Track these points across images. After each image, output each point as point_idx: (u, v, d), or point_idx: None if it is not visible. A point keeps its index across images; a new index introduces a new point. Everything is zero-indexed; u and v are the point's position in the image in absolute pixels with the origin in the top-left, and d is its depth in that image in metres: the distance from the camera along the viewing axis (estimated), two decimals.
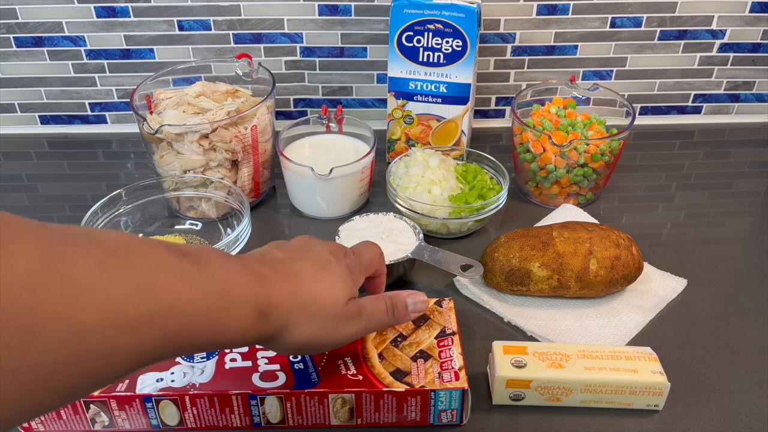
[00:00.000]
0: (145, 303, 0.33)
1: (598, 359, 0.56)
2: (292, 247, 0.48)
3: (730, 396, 0.58)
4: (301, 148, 0.81)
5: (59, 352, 0.29)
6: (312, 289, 0.44)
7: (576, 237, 0.64)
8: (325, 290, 0.45)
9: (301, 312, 0.43)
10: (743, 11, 0.88)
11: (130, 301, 0.32)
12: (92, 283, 0.30)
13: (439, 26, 0.76)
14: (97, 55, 0.89)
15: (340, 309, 0.46)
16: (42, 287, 0.28)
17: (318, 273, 0.45)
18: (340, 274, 0.46)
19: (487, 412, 0.57)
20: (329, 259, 0.47)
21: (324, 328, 0.45)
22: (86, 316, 0.30)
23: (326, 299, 0.45)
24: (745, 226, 0.78)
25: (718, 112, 0.97)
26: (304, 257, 0.46)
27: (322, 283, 0.45)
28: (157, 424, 0.55)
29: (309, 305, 0.43)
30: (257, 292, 0.40)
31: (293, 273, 0.44)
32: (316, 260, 0.46)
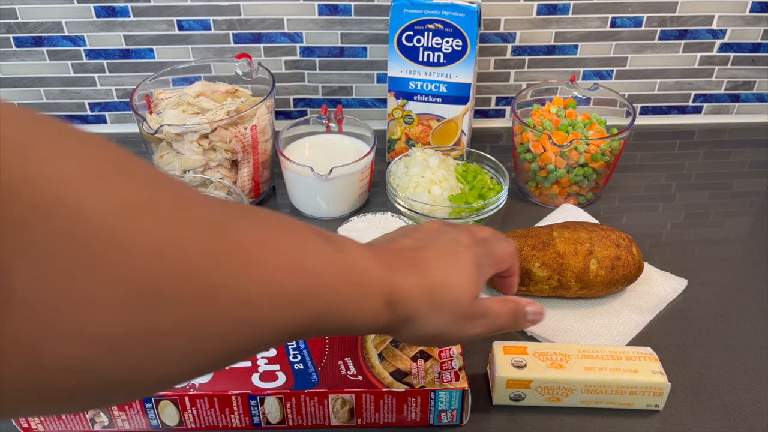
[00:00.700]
0: (299, 280, 0.33)
1: (598, 359, 0.55)
2: (420, 234, 0.46)
3: (731, 396, 0.58)
4: (301, 148, 0.81)
5: (226, 319, 0.29)
6: (439, 282, 0.42)
7: (576, 237, 0.64)
8: (452, 284, 0.43)
9: (427, 306, 0.42)
10: (743, 11, 0.88)
11: (287, 276, 0.32)
12: (257, 256, 0.31)
13: (439, 26, 0.76)
14: (97, 54, 0.89)
15: (465, 307, 0.44)
16: (218, 255, 0.29)
17: (444, 264, 0.43)
18: (466, 266, 0.44)
19: (487, 413, 0.57)
20: (457, 249, 0.45)
21: (449, 325, 0.43)
22: (252, 287, 0.30)
23: (453, 294, 0.43)
24: (746, 226, 0.78)
25: (718, 112, 0.97)
26: (431, 246, 0.44)
27: (449, 276, 0.43)
28: (156, 425, 0.55)
29: (435, 299, 0.42)
30: (387, 281, 0.40)
31: (419, 263, 0.43)
32: (443, 250, 0.44)
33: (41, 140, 0.24)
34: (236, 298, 0.29)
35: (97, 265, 0.23)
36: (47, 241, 0.22)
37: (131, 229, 0.25)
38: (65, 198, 0.23)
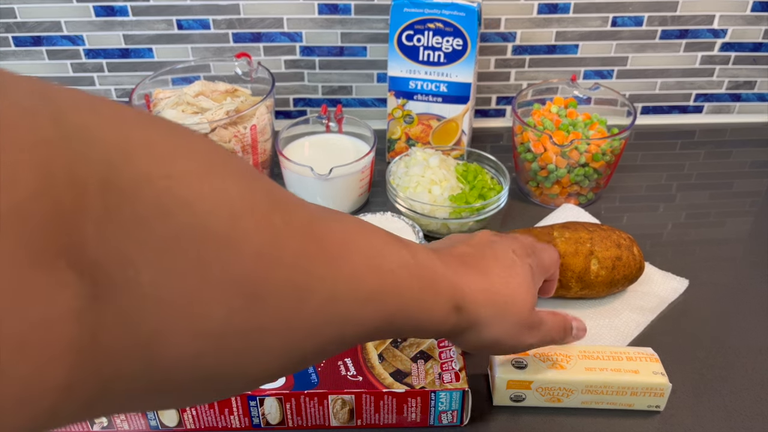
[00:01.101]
0: (380, 280, 0.34)
1: (599, 360, 0.55)
2: (475, 242, 0.46)
3: (732, 397, 0.57)
4: (301, 148, 0.81)
5: (317, 317, 0.30)
6: (502, 290, 0.43)
7: (577, 237, 0.64)
8: (514, 293, 0.44)
9: (491, 313, 0.42)
10: (744, 10, 0.87)
11: (369, 275, 0.33)
12: (343, 255, 0.32)
13: (440, 25, 0.75)
14: (96, 54, 0.89)
15: (525, 317, 0.45)
16: (311, 255, 0.29)
17: (505, 273, 0.44)
18: (524, 277, 0.45)
19: (487, 413, 0.56)
20: (513, 259, 0.46)
21: (509, 333, 0.44)
22: (340, 285, 0.31)
23: (515, 303, 0.44)
24: (747, 226, 0.78)
25: (719, 111, 0.96)
26: (488, 255, 0.45)
27: (511, 286, 0.44)
28: (156, 425, 0.54)
29: (499, 306, 0.43)
30: (454, 284, 0.40)
31: (483, 270, 0.43)
32: (501, 260, 0.45)
33: (157, 138, 0.25)
34: (327, 294, 0.30)
35: (209, 263, 0.24)
36: (168, 238, 0.23)
37: (238, 229, 0.26)
38: (184, 195, 0.24)
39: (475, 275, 0.42)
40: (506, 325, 0.43)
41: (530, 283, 0.46)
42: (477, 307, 0.41)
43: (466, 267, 0.42)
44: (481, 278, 0.42)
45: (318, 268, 0.30)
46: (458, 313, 0.40)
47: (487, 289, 0.42)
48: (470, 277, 0.42)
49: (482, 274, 0.43)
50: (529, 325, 0.45)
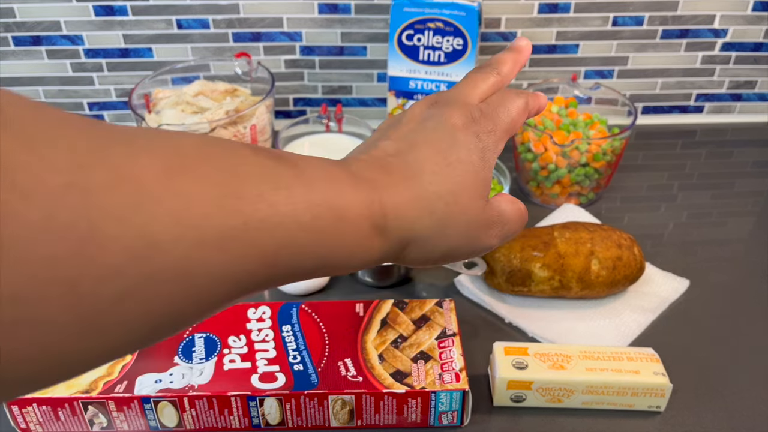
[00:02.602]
0: (234, 214, 0.26)
1: (599, 360, 0.55)
2: (403, 129, 0.38)
3: (733, 397, 0.57)
4: (301, 148, 0.80)
5: (124, 273, 0.23)
6: (440, 190, 0.35)
7: (577, 237, 0.64)
8: (457, 190, 0.35)
9: (430, 222, 0.35)
10: (745, 10, 0.87)
11: (213, 210, 0.26)
12: (162, 187, 0.24)
13: (440, 25, 0.75)
14: (96, 54, 0.88)
15: (477, 215, 0.37)
16: (93, 189, 0.22)
17: (442, 163, 0.36)
18: (470, 162, 0.36)
19: (487, 414, 0.56)
20: (454, 135, 0.37)
21: (461, 238, 0.36)
22: (157, 226, 0.23)
23: (460, 202, 0.35)
24: (748, 227, 0.77)
25: (720, 111, 0.96)
26: (420, 143, 0.36)
27: (452, 179, 0.35)
28: (155, 426, 0.54)
29: (439, 212, 0.35)
30: (370, 201, 0.33)
31: (411, 171, 0.35)
32: (436, 144, 0.36)
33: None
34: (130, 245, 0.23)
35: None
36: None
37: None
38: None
39: (401, 181, 0.34)
40: (455, 231, 0.36)
41: (480, 166, 0.37)
42: (408, 222, 0.34)
43: (387, 172, 0.35)
44: (408, 183, 0.34)
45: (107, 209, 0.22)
46: (383, 236, 0.33)
47: (418, 196, 0.34)
48: (393, 185, 0.34)
49: (410, 176, 0.35)
50: (485, 222, 0.37)
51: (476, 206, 0.36)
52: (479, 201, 0.36)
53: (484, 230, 0.37)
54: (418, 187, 0.35)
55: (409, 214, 0.34)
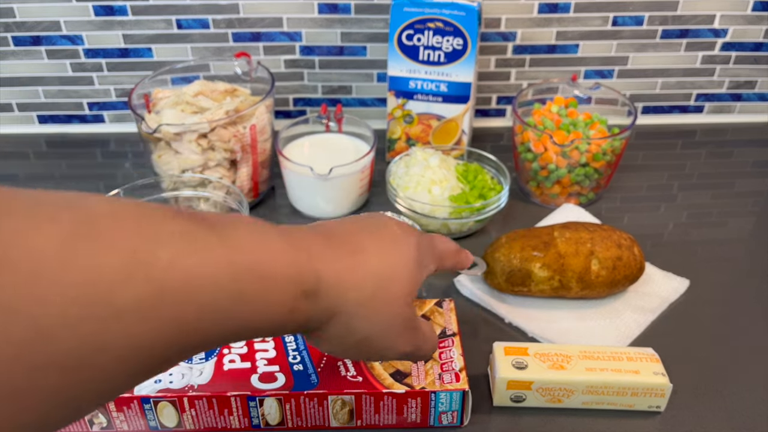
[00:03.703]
0: (142, 283, 0.25)
1: (599, 360, 0.55)
2: (357, 219, 0.39)
3: (733, 397, 0.57)
4: (301, 148, 0.80)
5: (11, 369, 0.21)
6: (377, 267, 0.35)
7: (577, 237, 0.64)
8: (392, 272, 0.36)
9: (362, 295, 0.35)
10: (745, 10, 0.87)
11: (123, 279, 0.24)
12: (63, 261, 0.23)
13: (440, 25, 0.75)
14: (95, 54, 0.88)
15: (401, 310, 0.36)
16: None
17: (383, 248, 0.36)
18: (408, 257, 0.37)
19: (487, 414, 0.56)
20: (396, 233, 0.38)
21: (384, 327, 0.36)
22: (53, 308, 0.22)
23: (392, 285, 0.36)
24: (748, 227, 0.77)
25: (720, 111, 0.96)
26: (367, 228, 0.38)
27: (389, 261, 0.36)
28: (155, 426, 0.54)
29: (372, 287, 0.35)
30: (303, 263, 0.32)
31: (355, 245, 0.36)
32: (380, 233, 0.37)
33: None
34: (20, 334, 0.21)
35: None
36: None
37: None
38: None
39: (343, 252, 0.35)
40: (378, 317, 0.36)
41: (414, 266, 0.37)
42: (341, 290, 0.34)
43: (330, 243, 0.35)
44: (350, 255, 0.35)
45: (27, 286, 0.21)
46: (311, 300, 0.33)
47: (355, 267, 0.34)
48: (334, 254, 0.34)
49: (353, 250, 0.35)
50: (405, 323, 0.37)
51: (403, 302, 0.36)
52: (407, 299, 0.37)
53: (402, 330, 0.37)
54: (358, 259, 0.35)
55: (344, 280, 0.34)
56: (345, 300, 0.34)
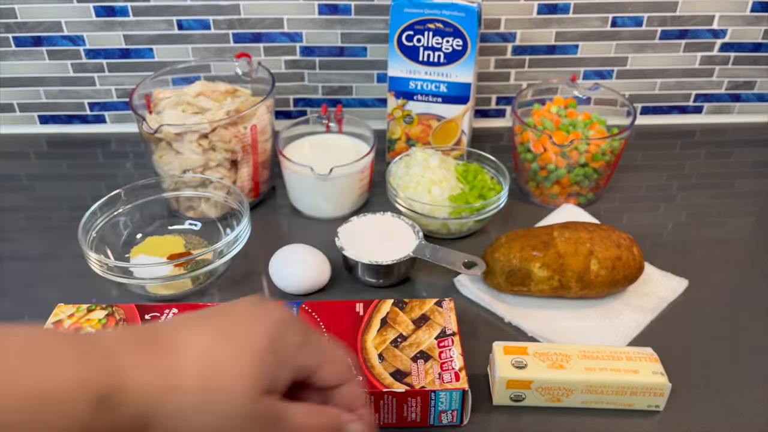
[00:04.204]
0: None
1: (598, 360, 0.55)
2: (209, 309, 0.35)
3: (732, 397, 0.57)
4: (301, 148, 0.81)
5: None
6: (205, 364, 0.31)
7: (577, 237, 0.64)
8: (223, 370, 0.31)
9: (181, 401, 0.30)
10: (744, 11, 0.87)
11: None
12: None
13: (440, 25, 0.75)
14: (96, 54, 0.89)
15: (243, 405, 0.31)
16: None
17: (218, 340, 0.32)
18: (254, 344, 0.32)
19: (487, 413, 0.56)
20: (248, 319, 0.34)
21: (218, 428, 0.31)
22: None
23: (221, 382, 0.31)
24: (747, 227, 0.78)
25: (719, 111, 0.96)
26: (208, 321, 0.33)
27: (222, 353, 0.31)
28: None
29: (194, 392, 0.31)
30: (96, 370, 0.29)
31: (174, 342, 0.31)
32: (226, 320, 0.33)
33: None
34: None
35: None
36: None
37: None
38: None
39: (155, 351, 0.31)
40: (210, 419, 0.31)
41: (265, 355, 0.32)
42: (152, 394, 0.30)
43: (142, 343, 0.31)
44: (163, 354, 0.31)
45: None
46: (111, 410, 0.29)
47: (169, 369, 0.30)
48: (142, 354, 0.30)
49: (170, 347, 0.31)
50: (254, 417, 0.32)
51: (248, 397, 0.31)
52: (252, 392, 0.31)
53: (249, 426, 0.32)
54: (172, 359, 0.31)
55: (150, 385, 0.30)
56: (160, 405, 0.30)
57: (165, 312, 0.60)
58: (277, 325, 0.34)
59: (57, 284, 0.70)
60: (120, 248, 0.71)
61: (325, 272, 0.67)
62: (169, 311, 0.60)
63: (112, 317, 0.59)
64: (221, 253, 0.66)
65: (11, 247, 0.75)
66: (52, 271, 0.71)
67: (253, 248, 0.72)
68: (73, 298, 0.63)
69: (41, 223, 0.78)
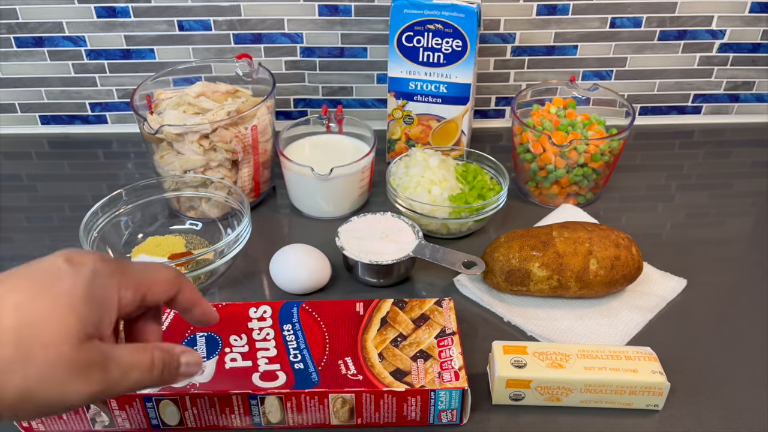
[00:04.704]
0: None
1: (598, 359, 0.56)
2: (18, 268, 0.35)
3: (730, 396, 0.58)
4: (301, 148, 0.81)
5: None
6: (15, 320, 0.32)
7: (576, 237, 0.64)
8: (38, 321, 0.32)
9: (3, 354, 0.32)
10: (743, 11, 0.88)
11: None
12: None
13: (439, 26, 0.76)
14: (98, 55, 0.89)
15: (67, 351, 0.33)
16: None
17: (33, 295, 0.33)
18: (70, 291, 0.34)
19: (487, 412, 0.57)
20: (60, 268, 0.34)
21: (43, 378, 0.32)
22: None
23: (41, 337, 0.32)
24: (746, 227, 0.78)
25: (718, 112, 0.97)
26: (20, 278, 0.34)
27: (35, 309, 0.32)
28: (157, 424, 0.55)
29: (17, 342, 0.32)
30: None
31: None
32: (35, 275, 0.34)
33: None
34: None
35: None
36: None
37: None
38: None
39: None
40: (35, 368, 0.32)
41: (77, 301, 0.34)
42: None
43: None
44: None
45: None
46: None
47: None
48: None
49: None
50: (79, 364, 0.33)
51: (67, 345, 0.33)
52: (71, 339, 0.33)
53: (77, 374, 0.33)
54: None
55: None
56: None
57: (166, 311, 0.60)
58: (89, 272, 0.35)
59: None
60: (121, 248, 0.72)
61: (325, 272, 0.67)
62: (170, 310, 0.60)
63: None
64: (222, 253, 0.66)
65: (13, 247, 0.75)
66: None
67: (254, 248, 0.72)
68: None
69: (42, 223, 0.79)
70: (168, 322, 0.59)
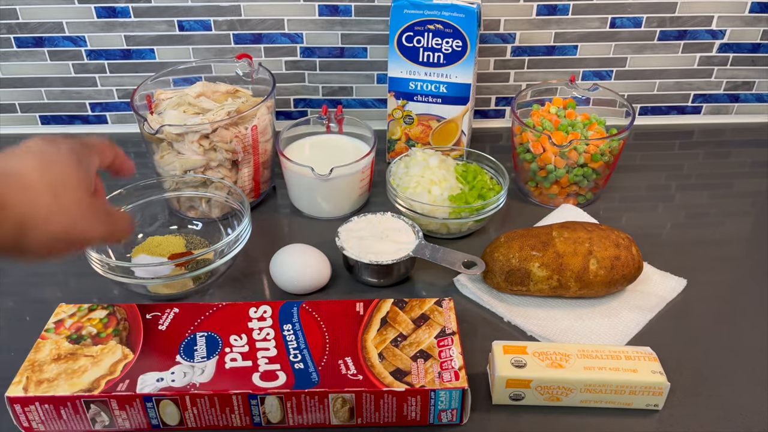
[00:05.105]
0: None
1: (597, 359, 0.56)
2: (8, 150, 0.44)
3: (730, 396, 0.58)
4: (302, 148, 0.81)
5: None
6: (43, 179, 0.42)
7: (576, 237, 0.64)
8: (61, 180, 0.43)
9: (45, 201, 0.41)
10: (743, 11, 0.88)
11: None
12: None
13: (439, 26, 0.76)
14: (98, 55, 0.89)
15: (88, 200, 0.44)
16: None
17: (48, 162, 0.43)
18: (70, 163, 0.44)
19: (487, 412, 0.57)
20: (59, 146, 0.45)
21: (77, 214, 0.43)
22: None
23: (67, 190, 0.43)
24: (746, 227, 0.78)
25: (717, 112, 0.97)
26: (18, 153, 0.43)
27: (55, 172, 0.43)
28: (157, 424, 0.55)
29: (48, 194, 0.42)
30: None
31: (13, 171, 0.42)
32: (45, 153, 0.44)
33: None
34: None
35: None
36: None
37: None
38: None
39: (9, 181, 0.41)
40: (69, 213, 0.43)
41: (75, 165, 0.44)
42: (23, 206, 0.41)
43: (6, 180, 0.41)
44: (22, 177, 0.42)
45: None
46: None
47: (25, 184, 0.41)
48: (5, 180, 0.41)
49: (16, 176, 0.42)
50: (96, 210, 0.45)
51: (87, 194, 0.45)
52: (88, 190, 0.45)
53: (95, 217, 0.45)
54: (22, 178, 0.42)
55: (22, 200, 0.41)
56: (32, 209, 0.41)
57: (166, 311, 0.60)
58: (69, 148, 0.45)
59: (58, 284, 0.70)
60: (121, 248, 0.72)
61: (325, 272, 0.67)
62: (170, 311, 0.60)
63: (114, 317, 0.60)
64: (222, 253, 0.66)
65: None
66: (54, 270, 0.72)
67: (254, 248, 0.72)
68: (75, 297, 0.63)
69: None
70: (168, 322, 0.59)
